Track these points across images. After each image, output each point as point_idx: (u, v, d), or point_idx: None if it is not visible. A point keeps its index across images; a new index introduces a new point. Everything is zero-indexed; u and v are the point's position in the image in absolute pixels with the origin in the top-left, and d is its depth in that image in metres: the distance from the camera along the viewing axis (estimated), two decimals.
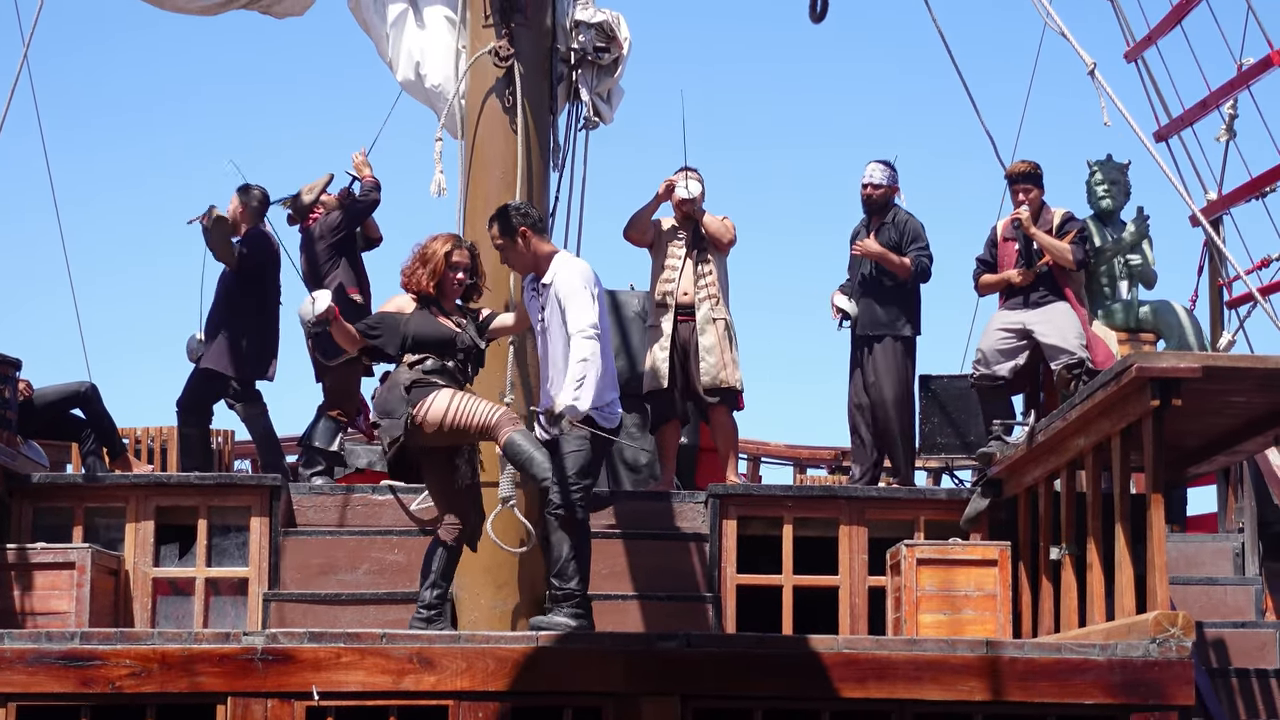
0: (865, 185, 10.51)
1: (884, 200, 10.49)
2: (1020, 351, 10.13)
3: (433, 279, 8.23)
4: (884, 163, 10.52)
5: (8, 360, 10.08)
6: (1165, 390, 7.25)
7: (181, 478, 9.79)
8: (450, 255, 8.26)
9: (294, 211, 10.74)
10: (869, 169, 10.51)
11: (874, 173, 10.49)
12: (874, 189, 10.48)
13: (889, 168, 10.51)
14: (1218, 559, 10.25)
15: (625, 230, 10.51)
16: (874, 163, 10.52)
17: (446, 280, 8.26)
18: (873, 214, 10.52)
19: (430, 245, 8.32)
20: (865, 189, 10.51)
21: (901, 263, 10.29)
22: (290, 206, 10.70)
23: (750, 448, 15.85)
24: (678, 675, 6.88)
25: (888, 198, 10.50)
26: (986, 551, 9.11)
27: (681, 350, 10.26)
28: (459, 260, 8.28)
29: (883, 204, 10.48)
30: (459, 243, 8.35)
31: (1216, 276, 12.10)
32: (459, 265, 8.27)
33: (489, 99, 8.98)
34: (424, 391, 8.00)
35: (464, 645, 6.91)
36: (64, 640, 6.92)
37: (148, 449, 13.95)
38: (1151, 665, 6.93)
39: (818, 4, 9.64)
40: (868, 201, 10.51)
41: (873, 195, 10.49)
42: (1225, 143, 12.13)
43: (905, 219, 10.43)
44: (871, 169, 10.51)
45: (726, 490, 9.75)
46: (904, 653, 6.96)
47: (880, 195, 10.48)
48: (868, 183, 10.50)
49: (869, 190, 10.50)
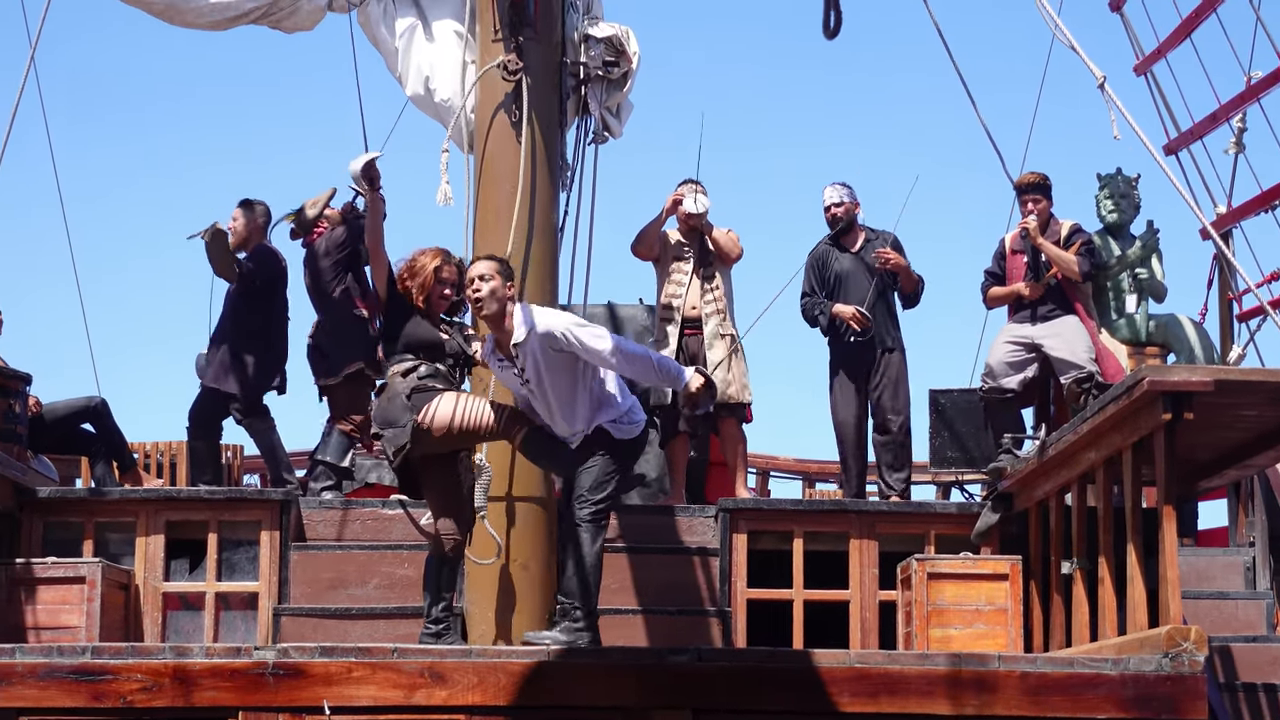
0: (828, 207, 10.57)
1: (849, 218, 10.56)
2: (1029, 365, 10.13)
3: (421, 293, 8.22)
4: (840, 183, 10.64)
5: (17, 375, 10.11)
6: (1177, 404, 7.24)
7: (191, 492, 9.80)
8: (439, 270, 8.24)
9: (298, 226, 10.72)
10: (828, 192, 10.63)
11: (831, 195, 10.61)
12: (836, 208, 10.55)
13: (845, 186, 10.62)
14: (1229, 573, 10.23)
15: (633, 245, 10.55)
16: (830, 185, 10.66)
17: (434, 295, 8.25)
18: (841, 233, 10.56)
19: (418, 259, 8.29)
20: (828, 210, 10.58)
21: (916, 276, 10.33)
22: (294, 221, 10.69)
23: (759, 462, 15.82)
24: (689, 689, 6.88)
25: (852, 215, 10.57)
26: (997, 566, 9.10)
27: (689, 363, 10.25)
28: (447, 275, 8.26)
29: (850, 222, 10.54)
30: (448, 257, 8.33)
31: (1226, 290, 12.08)
32: (447, 280, 8.26)
33: (498, 113, 8.98)
34: (426, 396, 8.00)
35: (475, 660, 6.91)
36: (75, 655, 6.93)
37: (157, 463, 13.95)
38: (1164, 680, 6.92)
39: (830, 20, 9.64)
40: (834, 222, 10.57)
41: (837, 215, 10.56)
42: (1235, 156, 12.12)
43: (893, 238, 10.48)
44: (829, 192, 10.63)
45: (737, 504, 9.74)
46: (916, 667, 6.96)
47: (844, 213, 10.55)
48: (829, 204, 10.57)
49: (832, 211, 10.57)
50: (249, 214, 10.76)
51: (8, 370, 10.17)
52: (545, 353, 7.76)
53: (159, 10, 9.59)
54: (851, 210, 10.58)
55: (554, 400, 7.86)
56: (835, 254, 10.57)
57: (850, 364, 10.42)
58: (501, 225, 8.84)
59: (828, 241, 10.65)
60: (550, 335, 7.73)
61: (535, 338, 7.76)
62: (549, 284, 8.99)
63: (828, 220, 10.61)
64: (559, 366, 7.79)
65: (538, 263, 8.85)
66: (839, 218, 10.56)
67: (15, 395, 9.95)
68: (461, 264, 8.36)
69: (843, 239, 10.60)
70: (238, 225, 10.72)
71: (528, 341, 7.77)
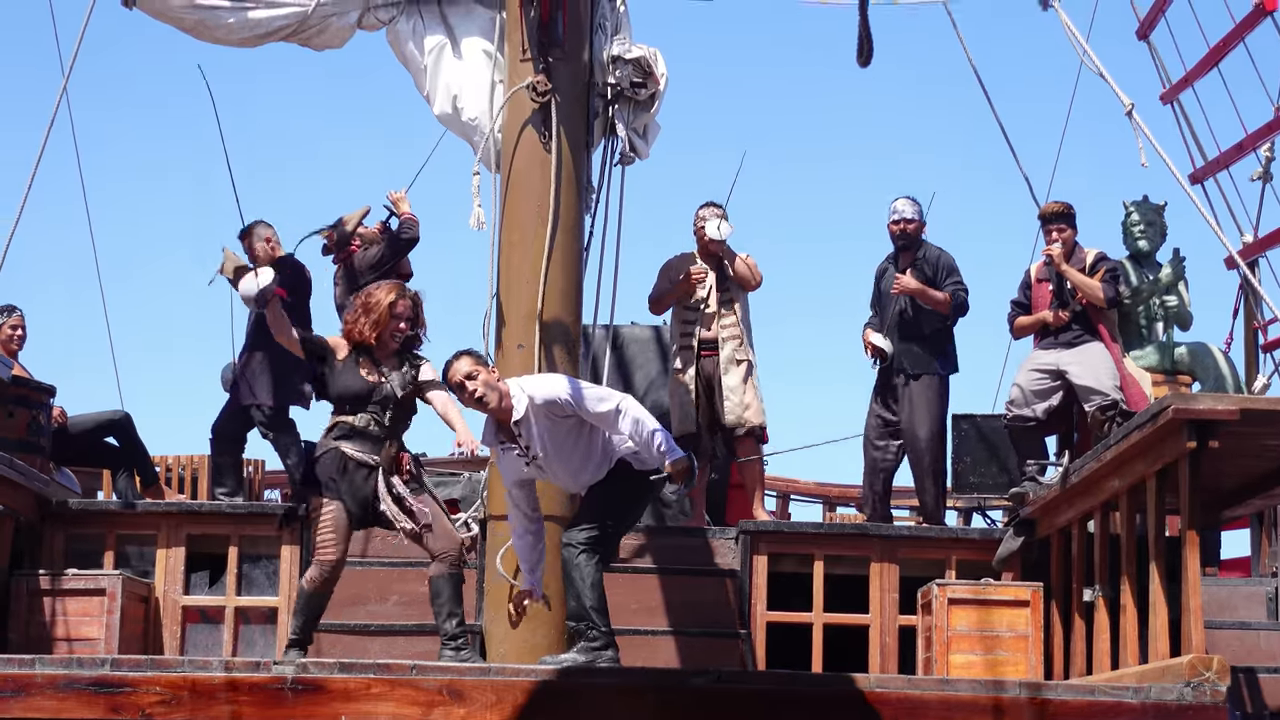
0: (896, 221, 10.49)
1: (915, 235, 10.47)
2: (1054, 393, 10.09)
3: (375, 329, 8.14)
4: (910, 198, 10.51)
5: (42, 387, 10.14)
6: (1202, 432, 7.21)
7: (213, 506, 9.82)
8: (394, 305, 8.16)
9: (334, 242, 10.74)
10: (897, 205, 10.49)
11: (904, 208, 10.47)
12: (906, 224, 10.46)
13: (916, 203, 10.50)
14: (1251, 603, 10.15)
15: (650, 304, 10.62)
16: (902, 199, 10.51)
17: (387, 330, 8.17)
18: (903, 250, 10.50)
19: (374, 294, 8.22)
20: (896, 225, 10.48)
21: (940, 298, 10.28)
22: (329, 236, 10.70)
23: (780, 485, 15.82)
24: (708, 711, 6.85)
25: (918, 232, 10.49)
26: (1019, 592, 9.07)
27: (706, 385, 10.26)
28: (402, 310, 8.19)
29: (914, 238, 10.47)
30: (403, 292, 8.26)
31: (1252, 319, 12.04)
32: (401, 315, 8.18)
33: (526, 133, 9.00)
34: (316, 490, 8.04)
35: (494, 678, 6.89)
36: (95, 666, 6.93)
37: (179, 477, 13.98)
38: (1185, 709, 6.87)
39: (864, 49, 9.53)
40: (901, 237, 10.48)
41: (906, 230, 10.46)
42: (1262, 185, 12.09)
43: (937, 254, 10.41)
44: (901, 205, 10.48)
45: (758, 527, 9.73)
46: (936, 693, 6.92)
47: (913, 230, 10.46)
48: (899, 219, 10.48)
49: (901, 226, 10.47)
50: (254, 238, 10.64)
51: (32, 382, 10.21)
52: (549, 420, 7.65)
53: (189, 27, 9.65)
54: (919, 229, 10.49)
55: (560, 467, 7.77)
56: (891, 271, 10.52)
57: (881, 390, 10.42)
58: (526, 244, 8.87)
59: (890, 258, 10.59)
60: (552, 403, 7.61)
61: (535, 410, 7.63)
62: (573, 304, 9.00)
63: (893, 234, 10.50)
64: (563, 432, 7.68)
65: (562, 283, 8.86)
66: (907, 233, 10.47)
67: (39, 407, 9.99)
68: (417, 297, 8.30)
69: (901, 256, 10.55)
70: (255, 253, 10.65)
71: (528, 415, 7.63)
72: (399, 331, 8.17)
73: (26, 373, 10.64)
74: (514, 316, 8.89)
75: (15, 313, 10.94)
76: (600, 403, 7.62)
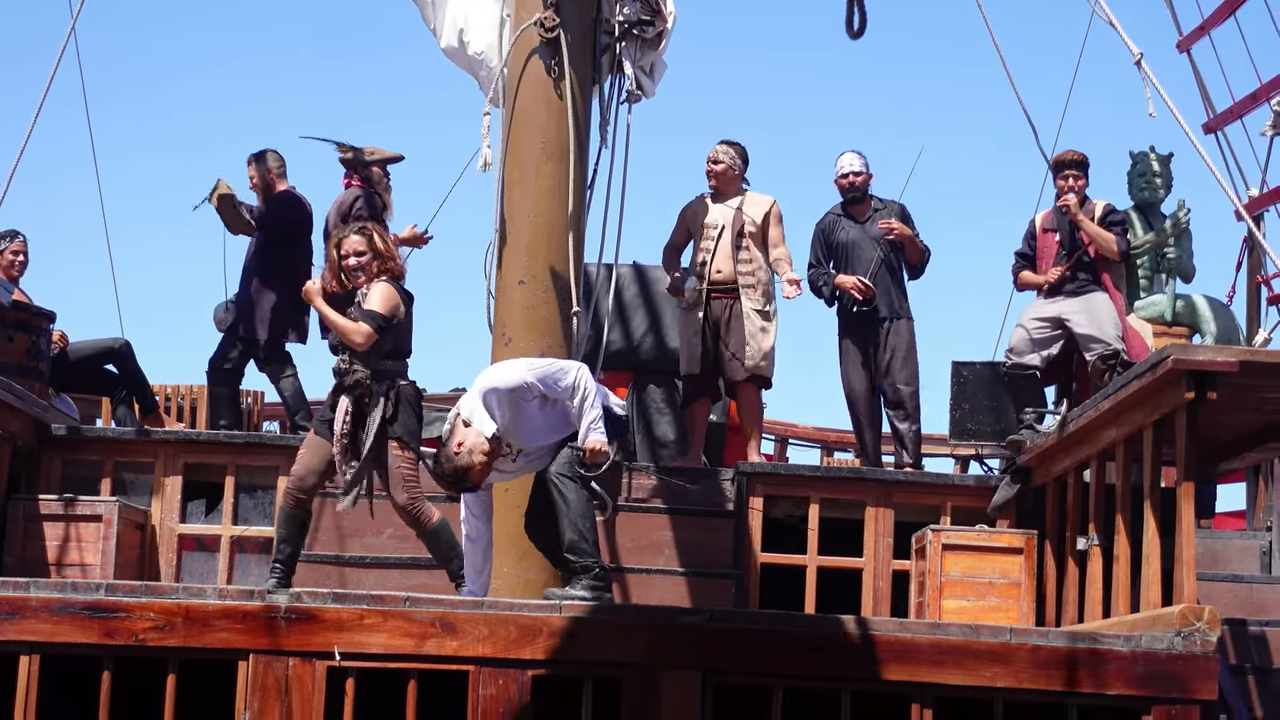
0: (845, 175, 10.54)
1: (864, 187, 10.55)
2: (1054, 342, 10.09)
3: (335, 276, 8.33)
4: (856, 152, 10.63)
5: (42, 312, 10.13)
6: (1201, 384, 7.21)
7: (210, 435, 9.83)
8: (339, 249, 8.32)
9: (348, 160, 10.73)
10: (845, 159, 10.59)
11: (852, 162, 10.58)
12: (854, 176, 10.52)
13: (862, 156, 10.62)
14: (1245, 556, 10.20)
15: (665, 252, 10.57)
16: (848, 153, 10.64)
17: (345, 270, 8.31)
18: (853, 203, 10.53)
19: (327, 250, 8.50)
20: (845, 178, 10.55)
21: (922, 246, 10.33)
22: (344, 151, 10.69)
23: (778, 429, 15.83)
24: (700, 650, 6.87)
25: (866, 185, 10.56)
26: (1013, 539, 9.10)
27: (714, 327, 10.24)
28: (347, 250, 8.30)
29: (864, 191, 10.54)
30: (342, 233, 8.41)
31: (1256, 272, 12.01)
32: (348, 254, 8.30)
33: (532, 67, 8.94)
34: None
35: (487, 611, 6.90)
36: (89, 591, 6.94)
37: (178, 406, 13.99)
38: (1175, 659, 6.90)
39: (854, 21, 9.37)
40: (850, 190, 10.55)
41: (855, 183, 10.53)
42: (1271, 138, 12.03)
43: (900, 207, 10.50)
44: (849, 159, 10.59)
45: (754, 469, 9.74)
46: (927, 636, 6.94)
47: (861, 182, 10.54)
48: (848, 172, 10.54)
49: (850, 179, 10.54)
50: (261, 165, 10.72)
51: (32, 307, 10.19)
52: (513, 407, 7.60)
53: None
54: (868, 180, 10.56)
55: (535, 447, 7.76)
56: (843, 224, 10.55)
57: (857, 334, 10.41)
58: (529, 181, 8.83)
59: (838, 211, 10.62)
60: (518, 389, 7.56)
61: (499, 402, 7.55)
62: (577, 242, 8.97)
63: (842, 188, 10.58)
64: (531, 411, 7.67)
65: (566, 220, 8.82)
66: (855, 186, 10.53)
67: (39, 332, 9.97)
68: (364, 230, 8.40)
69: (853, 209, 10.57)
70: (255, 179, 10.71)
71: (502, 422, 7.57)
72: (349, 268, 8.29)
73: (27, 298, 10.62)
74: (516, 253, 8.85)
75: (18, 238, 10.92)
76: (563, 376, 7.63)
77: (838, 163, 10.62)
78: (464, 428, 7.54)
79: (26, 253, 10.97)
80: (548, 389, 7.60)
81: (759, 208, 10.31)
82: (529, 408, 7.65)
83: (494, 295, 8.88)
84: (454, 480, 7.58)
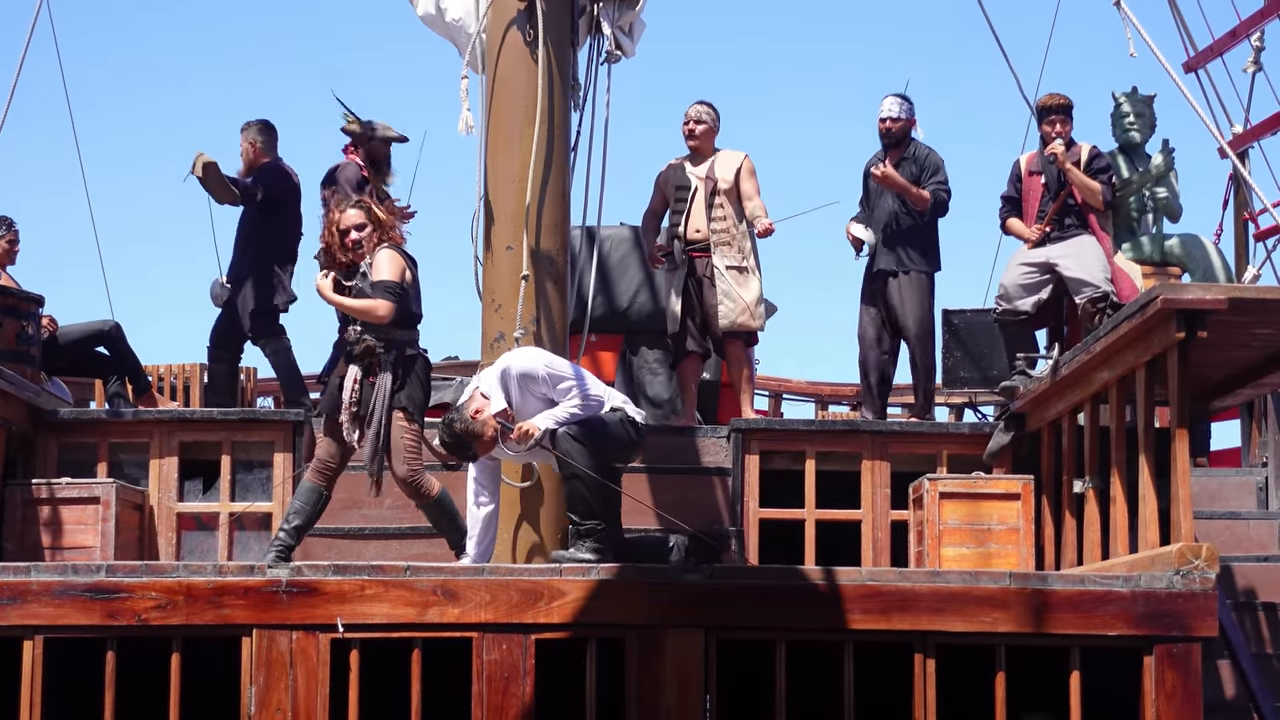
0: (883, 119, 10.46)
1: (902, 133, 10.44)
2: (1043, 286, 10.09)
3: (344, 253, 8.29)
4: (900, 96, 10.48)
5: (30, 297, 10.11)
6: (1191, 322, 7.22)
7: (205, 413, 9.83)
8: (339, 225, 8.29)
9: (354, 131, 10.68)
10: (886, 103, 10.47)
11: (891, 107, 10.45)
12: (892, 123, 10.43)
13: (905, 100, 10.47)
14: (1241, 493, 10.21)
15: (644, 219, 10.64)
16: (890, 96, 10.48)
17: (347, 246, 8.27)
18: (891, 148, 10.46)
19: (324, 229, 8.42)
20: (883, 123, 10.45)
21: (920, 195, 10.24)
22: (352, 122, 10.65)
23: (772, 384, 15.84)
24: (702, 607, 6.90)
25: (906, 131, 10.46)
26: (1009, 485, 9.11)
27: (696, 285, 10.24)
28: (346, 224, 8.29)
29: (901, 137, 10.44)
30: (339, 207, 8.40)
31: (1243, 209, 12.00)
32: (347, 229, 8.28)
33: (511, 33, 8.90)
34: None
35: (487, 577, 6.93)
36: (90, 573, 6.96)
37: (171, 386, 13.98)
38: (1175, 597, 6.93)
39: None
40: (886, 135, 10.46)
41: (891, 129, 10.43)
42: (1253, 74, 12.01)
43: (926, 153, 10.40)
44: (889, 103, 10.46)
45: (749, 425, 9.75)
46: (927, 584, 6.97)
47: (899, 129, 10.43)
48: (885, 116, 10.45)
49: (887, 124, 10.44)
50: (254, 135, 10.71)
51: (20, 292, 10.18)
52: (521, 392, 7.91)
53: None
54: (907, 126, 10.47)
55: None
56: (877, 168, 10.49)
57: (870, 286, 10.41)
58: (513, 146, 8.80)
59: (879, 156, 10.56)
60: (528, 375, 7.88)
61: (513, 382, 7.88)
62: (562, 205, 8.96)
63: (880, 132, 10.49)
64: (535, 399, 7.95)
65: (550, 184, 8.81)
66: (892, 132, 10.44)
67: (28, 317, 9.95)
68: (361, 204, 8.41)
69: (889, 154, 10.50)
70: (245, 149, 10.71)
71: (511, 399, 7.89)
72: (353, 243, 8.26)
73: (14, 282, 10.61)
74: (502, 219, 8.84)
75: (13, 227, 10.98)
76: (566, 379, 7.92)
77: (881, 105, 10.50)
78: (481, 398, 7.82)
79: (18, 240, 11.01)
80: (551, 382, 7.89)
81: (730, 165, 10.31)
82: (532, 395, 7.90)
83: (481, 262, 8.87)
84: (458, 444, 7.77)
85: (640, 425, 8.12)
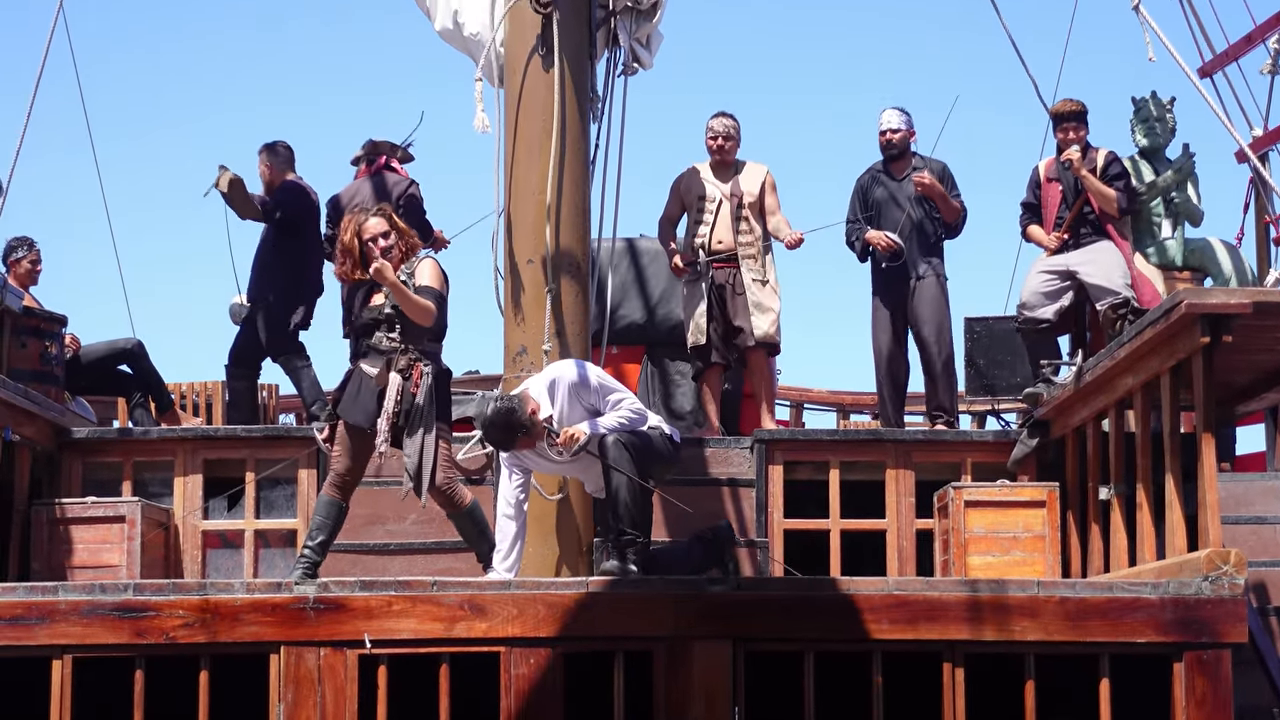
0: (883, 132, 10.50)
1: (904, 145, 10.48)
2: (1064, 293, 10.08)
3: (357, 265, 8.16)
4: (899, 109, 10.53)
5: (53, 317, 10.14)
6: (1215, 327, 7.19)
7: (229, 431, 9.84)
8: (361, 233, 8.14)
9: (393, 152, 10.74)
10: (885, 116, 10.52)
11: (891, 119, 10.50)
12: (893, 134, 10.47)
13: (904, 113, 10.52)
14: (1267, 498, 10.16)
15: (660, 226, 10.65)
16: (889, 109, 10.55)
17: (369, 256, 8.11)
18: (893, 160, 10.48)
19: (340, 238, 8.28)
20: (884, 135, 10.50)
21: (954, 205, 10.28)
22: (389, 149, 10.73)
23: (793, 394, 15.82)
24: (729, 619, 6.88)
25: (906, 142, 10.49)
26: (1034, 493, 9.09)
27: (719, 297, 10.25)
28: (370, 232, 8.14)
29: (902, 149, 10.48)
30: (362, 216, 8.26)
31: (1263, 213, 11.99)
32: (374, 235, 8.13)
33: (528, 47, 8.92)
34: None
35: (515, 592, 6.92)
36: (118, 592, 6.96)
37: (194, 403, 14.01)
38: (1204, 603, 6.90)
39: None
40: (887, 147, 10.49)
41: (892, 140, 10.47)
42: (1271, 77, 11.99)
43: (941, 166, 10.42)
44: (888, 116, 10.51)
45: (772, 435, 9.74)
46: (955, 594, 6.94)
47: (900, 140, 10.46)
48: (886, 129, 10.49)
49: (888, 136, 10.49)
50: (272, 156, 10.74)
51: (43, 312, 10.21)
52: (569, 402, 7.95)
53: None
54: (907, 138, 10.50)
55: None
56: (881, 180, 10.50)
57: (888, 292, 10.39)
58: (534, 159, 8.83)
59: (878, 168, 10.56)
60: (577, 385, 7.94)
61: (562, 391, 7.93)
62: (582, 217, 8.97)
63: (881, 145, 10.52)
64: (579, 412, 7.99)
65: (570, 197, 8.83)
66: (893, 144, 10.47)
67: (51, 337, 9.99)
68: (383, 210, 8.32)
69: (892, 166, 10.52)
70: (263, 170, 10.74)
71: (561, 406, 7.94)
72: (382, 250, 8.11)
73: (37, 303, 10.64)
74: (522, 232, 8.86)
75: (35, 248, 11.04)
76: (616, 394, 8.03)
77: (880, 118, 10.56)
78: (533, 399, 7.87)
79: (41, 261, 11.09)
80: (601, 393, 7.97)
81: (755, 179, 10.35)
82: (580, 405, 7.94)
83: (502, 275, 8.88)
84: (505, 428, 7.77)
85: (679, 442, 8.14)
